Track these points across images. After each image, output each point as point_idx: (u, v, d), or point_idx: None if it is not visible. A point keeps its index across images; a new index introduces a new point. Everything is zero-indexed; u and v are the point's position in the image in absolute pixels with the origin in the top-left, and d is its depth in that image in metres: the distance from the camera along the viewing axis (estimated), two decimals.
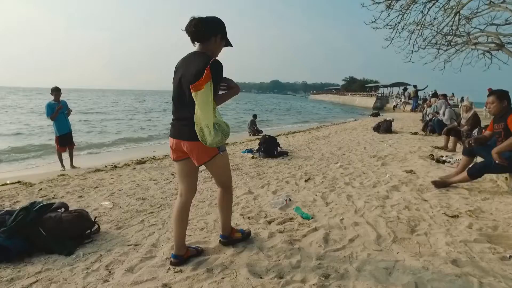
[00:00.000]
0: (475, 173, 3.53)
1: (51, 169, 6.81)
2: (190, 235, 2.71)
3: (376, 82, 52.86)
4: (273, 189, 4.04)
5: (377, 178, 4.34)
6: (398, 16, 10.47)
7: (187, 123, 2.00)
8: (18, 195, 4.38)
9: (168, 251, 2.43)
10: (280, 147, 6.95)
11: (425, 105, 13.12)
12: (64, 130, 6.75)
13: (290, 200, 3.51)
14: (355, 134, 9.83)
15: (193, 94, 1.91)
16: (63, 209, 2.81)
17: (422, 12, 10.69)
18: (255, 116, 14.49)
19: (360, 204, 3.30)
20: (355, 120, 18.60)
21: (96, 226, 2.94)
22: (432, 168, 4.75)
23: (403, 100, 26.26)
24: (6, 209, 2.87)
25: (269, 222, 2.93)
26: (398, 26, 10.63)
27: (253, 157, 6.62)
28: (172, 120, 2.18)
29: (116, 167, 6.54)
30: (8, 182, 5.46)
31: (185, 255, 2.27)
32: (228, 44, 2.24)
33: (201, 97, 1.89)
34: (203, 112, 1.91)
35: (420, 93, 25.91)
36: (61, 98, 6.75)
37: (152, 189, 4.46)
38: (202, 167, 2.24)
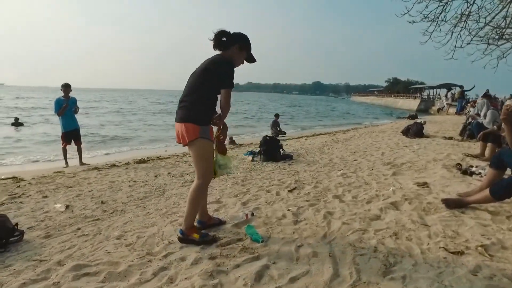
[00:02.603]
0: (500, 192, 2.62)
1: (59, 165, 6.79)
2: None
3: (421, 83, 49.21)
4: (246, 199, 3.43)
5: (378, 191, 3.54)
6: (438, 7, 9.18)
7: (182, 105, 2.24)
8: None
9: (64, 273, 1.97)
10: (283, 149, 6.29)
11: (468, 106, 11.51)
12: (70, 127, 6.71)
13: (253, 215, 2.89)
14: (380, 137, 8.78)
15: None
16: None
17: (467, 1, 9.28)
18: (277, 115, 13.80)
19: (336, 226, 2.58)
20: (391, 122, 17.10)
21: (18, 234, 2.59)
22: (454, 181, 3.81)
23: (445, 101, 23.80)
24: None
25: (210, 243, 2.35)
26: (438, 18, 9.33)
27: (252, 160, 6.04)
28: None
29: (114, 165, 6.35)
30: (2, 177, 5.45)
31: (207, 222, 2.61)
32: (251, 59, 2.42)
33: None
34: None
35: (471, 95, 23.31)
36: (71, 95, 6.71)
37: (122, 191, 4.08)
38: None
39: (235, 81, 2.32)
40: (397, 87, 58.88)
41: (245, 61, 2.43)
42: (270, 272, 1.91)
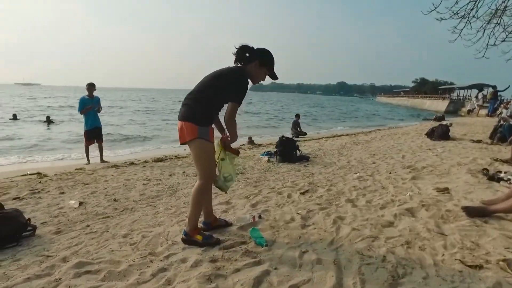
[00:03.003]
0: None
1: (82, 162, 7.01)
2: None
3: (451, 83, 47.05)
4: (256, 201, 3.37)
5: (394, 196, 3.37)
6: (469, 3, 8.64)
7: (185, 103, 2.24)
8: (16, 186, 4.45)
9: (66, 270, 1.99)
10: (299, 150, 6.17)
11: (501, 107, 10.83)
12: (93, 125, 6.92)
13: (260, 217, 2.83)
14: (402, 139, 8.42)
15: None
16: None
17: None
18: (298, 116, 13.62)
19: (345, 232, 2.46)
20: (416, 124, 16.44)
21: (30, 229, 2.67)
22: (478, 187, 3.56)
23: (476, 103, 22.53)
24: None
25: (213, 245, 2.31)
26: (469, 15, 8.79)
27: (268, 161, 5.97)
28: None
29: (133, 163, 6.48)
30: (28, 172, 5.71)
31: (212, 223, 2.57)
32: (273, 76, 2.39)
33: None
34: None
35: (507, 95, 21.96)
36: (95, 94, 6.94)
37: (135, 189, 4.14)
38: None
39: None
40: (424, 88, 56.65)
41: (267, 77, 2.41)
42: (269, 279, 1.83)
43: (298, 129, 13.39)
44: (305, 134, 13.31)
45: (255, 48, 2.32)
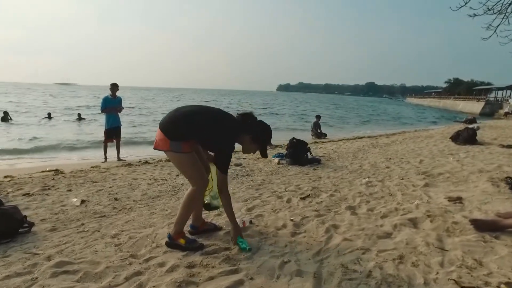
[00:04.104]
0: None
1: (99, 160, 7.23)
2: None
3: (488, 84, 44.28)
4: (253, 205, 3.28)
5: (399, 204, 3.15)
6: None
7: (171, 116, 2.22)
8: (31, 182, 4.64)
9: (45, 269, 2.01)
10: (310, 153, 5.99)
11: None
12: (113, 124, 7.14)
13: (251, 222, 2.74)
14: (424, 143, 7.97)
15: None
16: None
17: None
18: (318, 117, 13.32)
19: (335, 242, 2.31)
20: (443, 127, 15.58)
21: (26, 226, 2.74)
22: (497, 197, 3.26)
23: None
24: None
25: (195, 250, 2.25)
26: (507, 10, 8.10)
27: (278, 163, 5.85)
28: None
29: (147, 162, 6.59)
30: (47, 169, 5.96)
31: (200, 227, 2.53)
32: (263, 154, 2.37)
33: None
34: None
35: None
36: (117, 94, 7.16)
37: (139, 189, 4.18)
38: None
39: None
40: (458, 89, 53.76)
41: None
42: None
43: (318, 130, 13.11)
44: (325, 135, 13.01)
45: (257, 120, 2.34)
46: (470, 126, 8.64)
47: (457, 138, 7.48)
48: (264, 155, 2.39)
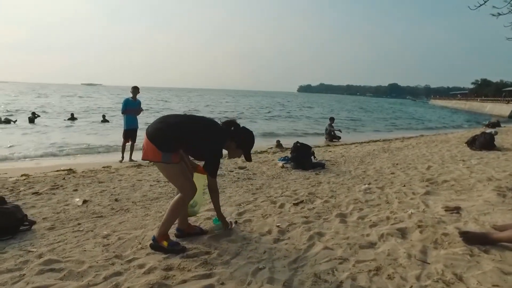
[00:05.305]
0: None
1: (114, 160, 7.47)
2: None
3: None
4: (244, 209, 3.31)
5: (392, 213, 3.08)
6: None
7: (160, 126, 2.28)
8: (43, 181, 4.88)
9: (34, 266, 2.13)
10: (315, 157, 5.95)
11: None
12: (131, 126, 7.43)
13: (236, 223, 2.79)
14: (438, 148, 7.70)
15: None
16: None
17: None
18: (332, 119, 13.19)
19: (315, 250, 2.30)
20: (463, 130, 14.97)
21: (27, 224, 2.90)
22: (499, 208, 3.12)
23: None
24: None
25: (177, 252, 2.31)
26: None
27: (282, 167, 5.85)
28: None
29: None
30: (61, 168, 6.24)
31: (186, 230, 2.59)
32: (247, 158, 2.54)
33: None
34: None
35: None
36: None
37: (140, 190, 4.31)
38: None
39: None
40: (486, 90, 51.43)
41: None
42: None
43: (332, 133, 12.97)
44: (339, 138, 12.84)
45: (240, 126, 2.49)
46: (488, 130, 8.26)
47: (473, 143, 7.19)
48: (248, 159, 2.55)
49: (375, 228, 2.74)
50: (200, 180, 2.57)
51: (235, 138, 2.44)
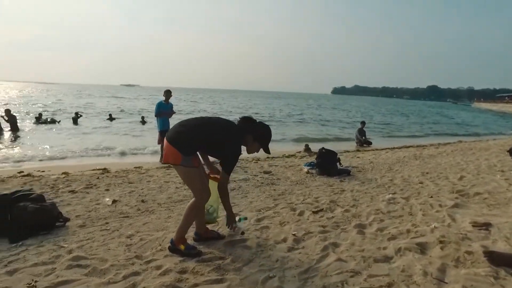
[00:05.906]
0: None
1: (146, 161, 7.82)
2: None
3: None
4: (263, 216, 3.36)
5: (414, 226, 2.98)
6: None
7: (180, 130, 2.40)
8: (80, 180, 5.25)
9: (64, 261, 2.32)
10: (340, 163, 5.85)
11: None
12: (164, 127, 7.79)
13: (242, 233, 2.83)
14: (475, 156, 7.25)
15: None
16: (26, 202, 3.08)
17: None
18: (363, 123, 12.82)
19: (328, 261, 2.30)
20: (508, 137, 13.89)
21: (61, 221, 3.15)
22: None
23: None
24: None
25: (193, 256, 2.41)
26: None
27: (307, 172, 5.82)
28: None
29: None
30: (97, 167, 6.66)
31: (203, 234, 2.69)
32: (266, 151, 2.60)
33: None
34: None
35: None
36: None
37: (166, 192, 4.50)
38: None
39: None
40: None
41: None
42: None
43: (363, 137, 12.62)
44: (370, 143, 12.47)
45: (256, 122, 2.58)
46: None
47: None
48: (267, 151, 2.60)
49: (394, 241, 2.67)
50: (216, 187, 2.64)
51: (253, 133, 2.52)
